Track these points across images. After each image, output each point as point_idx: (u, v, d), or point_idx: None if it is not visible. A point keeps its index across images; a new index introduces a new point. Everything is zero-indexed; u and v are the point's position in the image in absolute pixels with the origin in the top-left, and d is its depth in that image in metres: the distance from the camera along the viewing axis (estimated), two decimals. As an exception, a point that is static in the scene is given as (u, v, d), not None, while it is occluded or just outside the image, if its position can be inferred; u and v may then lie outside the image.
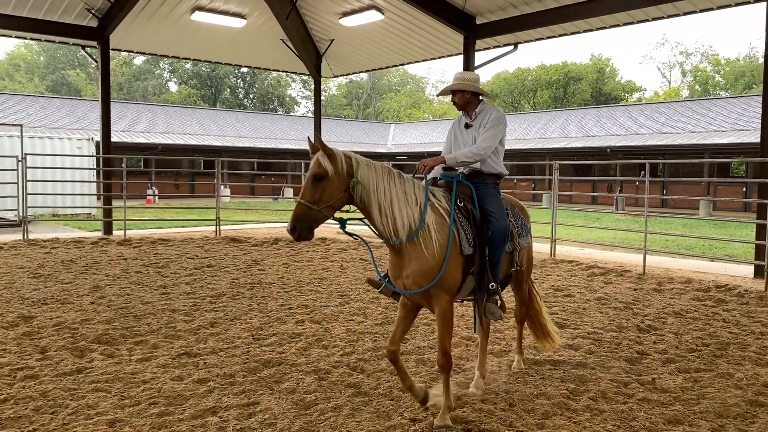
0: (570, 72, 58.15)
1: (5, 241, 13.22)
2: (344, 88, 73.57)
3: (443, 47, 16.99)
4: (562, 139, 36.63)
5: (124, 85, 61.73)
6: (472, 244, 4.25)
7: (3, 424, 4.07)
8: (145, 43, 18.28)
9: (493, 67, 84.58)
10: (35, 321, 6.71)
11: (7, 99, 36.63)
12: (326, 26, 17.92)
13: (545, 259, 11.87)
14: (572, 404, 4.57)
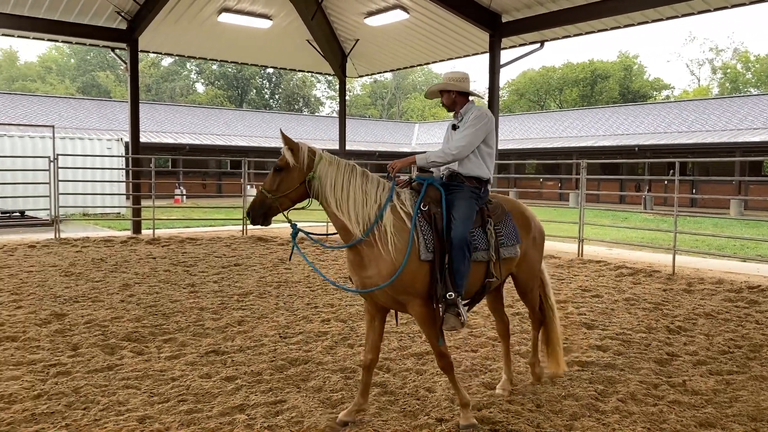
0: (597, 70, 57.46)
1: (38, 240, 13.50)
2: (368, 88, 73.65)
3: (468, 46, 16.92)
4: (590, 137, 36.22)
5: (152, 86, 62.57)
6: (430, 250, 4.04)
7: (37, 419, 4.16)
8: (172, 45, 18.51)
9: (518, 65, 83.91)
10: (67, 318, 6.84)
11: (39, 101, 37.39)
12: (351, 26, 17.96)
13: (572, 259, 11.76)
14: (601, 406, 4.52)
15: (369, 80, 71.52)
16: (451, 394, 4.70)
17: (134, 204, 16.77)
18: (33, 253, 11.83)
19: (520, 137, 40.22)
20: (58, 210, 14.51)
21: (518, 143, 38.45)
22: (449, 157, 4.37)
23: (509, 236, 4.48)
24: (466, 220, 4.17)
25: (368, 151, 41.66)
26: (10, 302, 7.59)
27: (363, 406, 4.28)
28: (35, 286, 8.66)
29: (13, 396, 4.53)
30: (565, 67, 59.92)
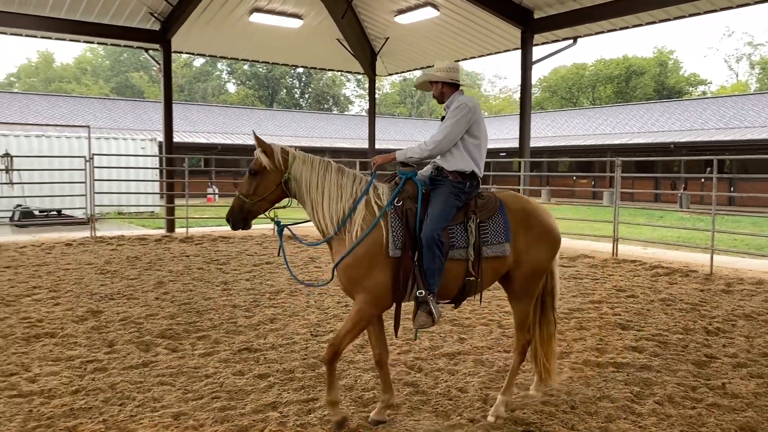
0: (631, 66, 56.49)
1: (74, 238, 13.78)
2: (398, 86, 73.55)
3: (500, 42, 16.78)
4: (624, 134, 35.63)
5: (185, 86, 63.43)
6: (398, 247, 3.96)
7: (76, 414, 4.23)
8: (205, 46, 18.73)
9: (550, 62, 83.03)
10: (103, 315, 6.97)
11: (75, 101, 38.19)
12: (381, 24, 17.96)
13: (607, 258, 11.57)
14: (637, 408, 4.43)
15: (398, 78, 71.43)
16: (483, 394, 4.66)
17: (168, 203, 17.01)
18: (70, 251, 12.08)
19: (552, 134, 39.77)
20: (93, 209, 14.79)
21: (550, 141, 38.02)
22: (426, 152, 4.24)
23: (496, 234, 4.18)
24: (439, 217, 4.02)
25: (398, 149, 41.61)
26: (49, 299, 7.76)
27: (390, 401, 4.25)
28: (72, 283, 8.84)
29: (53, 391, 4.62)
30: (598, 63, 59.05)
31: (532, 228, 4.31)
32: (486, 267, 4.16)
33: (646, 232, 17.11)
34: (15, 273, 9.59)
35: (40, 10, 14.84)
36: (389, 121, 50.61)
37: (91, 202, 14.72)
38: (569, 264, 11.07)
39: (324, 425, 4.10)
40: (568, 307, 7.55)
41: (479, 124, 4.32)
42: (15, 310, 7.16)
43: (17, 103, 34.92)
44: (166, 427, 4.02)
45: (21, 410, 4.27)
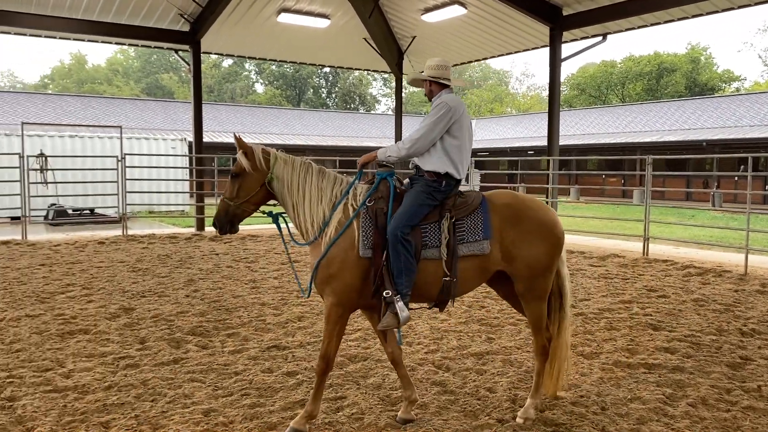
0: (662, 63, 55.52)
1: (107, 237, 14.03)
2: (425, 85, 73.36)
3: (528, 40, 16.65)
4: (654, 132, 35.07)
5: (214, 87, 64.13)
6: (369, 247, 3.93)
7: (108, 409, 4.31)
8: (233, 46, 18.92)
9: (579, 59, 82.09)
10: (135, 312, 7.08)
11: (107, 102, 38.87)
12: (408, 23, 17.94)
13: (637, 258, 11.41)
14: (669, 410, 4.36)
15: (426, 77, 71.27)
16: (512, 394, 4.63)
17: (197, 202, 17.23)
18: (102, 249, 12.30)
19: (581, 132, 39.31)
20: (125, 207, 15.04)
21: (579, 139, 37.59)
22: (403, 152, 4.16)
23: (473, 231, 4.05)
24: (404, 215, 3.95)
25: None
26: (82, 296, 7.91)
27: (412, 398, 4.23)
28: (105, 280, 9.00)
29: (86, 387, 4.71)
30: (627, 60, 58.18)
31: (522, 223, 4.12)
32: (464, 266, 4.04)
33: (677, 231, 16.82)
34: (50, 270, 9.80)
35: (74, 12, 15.14)
36: (416, 119, 50.51)
37: (122, 201, 14.98)
38: (599, 263, 10.93)
39: (352, 423, 4.11)
40: (598, 307, 7.46)
41: (461, 124, 4.19)
42: (50, 306, 7.32)
43: (51, 104, 35.67)
44: (197, 424, 4.07)
45: (56, 405, 4.36)
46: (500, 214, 4.12)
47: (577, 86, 60.75)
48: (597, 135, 37.86)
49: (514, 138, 42.82)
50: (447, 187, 4.15)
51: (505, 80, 77.16)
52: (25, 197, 14.01)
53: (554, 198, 14.32)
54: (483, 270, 4.13)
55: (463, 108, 4.23)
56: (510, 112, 62.16)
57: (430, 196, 4.08)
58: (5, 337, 6.03)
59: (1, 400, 4.43)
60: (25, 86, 65.96)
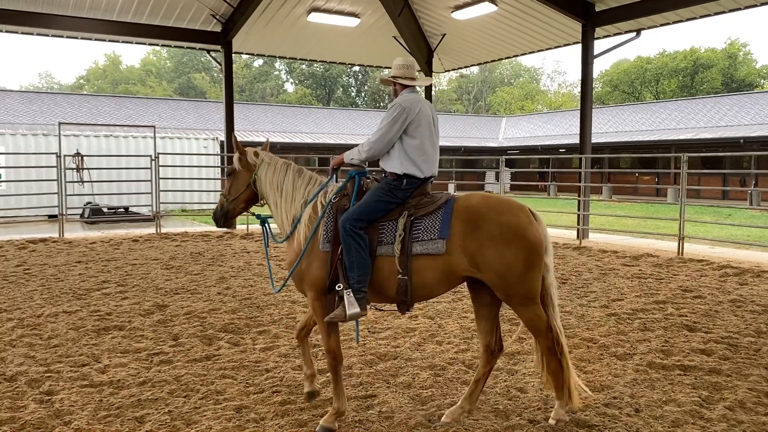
0: (698, 59, 54.37)
1: (141, 235, 14.28)
2: (454, 83, 73.14)
3: (559, 36, 16.46)
4: (689, 129, 34.39)
5: (245, 87, 64.80)
6: (327, 240, 4.07)
7: (143, 404, 4.38)
8: (264, 46, 19.08)
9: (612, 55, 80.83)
10: (168, 309, 7.19)
11: (141, 102, 39.54)
12: (438, 21, 17.88)
13: (672, 257, 11.20)
14: (705, 413, 4.27)
15: (455, 75, 71.08)
16: (544, 395, 4.58)
17: (229, 200, 17.39)
18: (136, 247, 12.51)
19: (613, 130, 38.75)
20: (159, 206, 15.29)
21: (611, 136, 37.05)
22: (363, 154, 4.22)
23: (429, 230, 3.94)
24: (357, 209, 4.01)
25: (454, 146, 41.39)
26: (117, 293, 8.06)
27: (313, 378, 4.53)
28: (139, 278, 9.16)
29: (121, 382, 4.80)
30: (662, 56, 57.14)
31: (482, 227, 3.88)
32: (420, 266, 3.93)
33: (713, 230, 16.47)
34: (85, 268, 10.01)
35: (109, 14, 15.44)
36: (445, 117, 50.35)
37: (156, 200, 15.22)
38: (632, 263, 10.76)
39: (382, 422, 4.11)
40: (632, 308, 7.34)
41: (418, 122, 4.17)
42: (86, 303, 7.47)
43: (87, 104, 36.41)
44: (228, 420, 4.11)
45: (92, 400, 4.45)
46: (461, 217, 3.94)
47: (610, 83, 59.88)
48: (630, 132, 37.28)
49: (545, 136, 42.37)
50: (408, 186, 4.15)
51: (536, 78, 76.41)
52: (62, 196, 14.33)
53: (586, 197, 14.13)
54: (445, 272, 3.95)
55: (420, 106, 4.21)
56: (541, 110, 61.55)
57: (389, 194, 4.11)
58: (43, 332, 6.18)
59: (40, 394, 4.54)
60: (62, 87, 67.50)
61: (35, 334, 6.13)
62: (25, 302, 7.51)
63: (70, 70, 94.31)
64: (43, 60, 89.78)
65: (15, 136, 20.42)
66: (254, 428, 4.02)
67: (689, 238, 12.61)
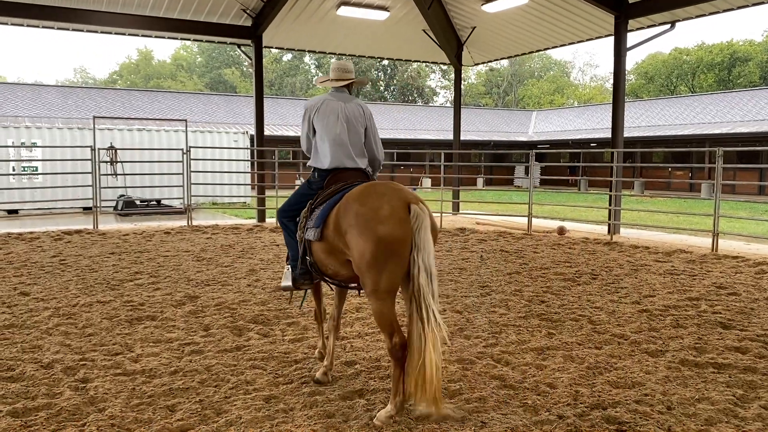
0: (735, 52, 53.04)
1: (173, 227, 14.49)
2: (483, 77, 72.57)
3: (591, 29, 16.21)
4: (725, 123, 33.62)
5: (275, 81, 65.18)
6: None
7: (174, 393, 4.45)
8: (294, 40, 19.16)
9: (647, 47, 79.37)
10: (199, 300, 7.29)
11: (173, 96, 40.07)
12: (468, 14, 17.75)
13: (705, 254, 10.99)
14: (740, 412, 4.18)
15: (484, 68, 70.49)
16: (573, 391, 4.54)
17: (259, 194, 17.58)
18: (168, 239, 12.71)
19: (646, 124, 38.09)
20: (190, 199, 15.49)
21: (644, 131, 36.43)
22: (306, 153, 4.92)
23: (314, 219, 4.44)
24: (285, 203, 4.85)
25: (483, 140, 41.12)
26: (149, 284, 8.20)
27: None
28: (171, 269, 9.30)
29: (153, 371, 4.88)
30: (699, 48, 55.90)
31: (347, 215, 4.04)
32: (315, 249, 4.44)
33: (749, 226, 16.11)
34: (119, 259, 10.20)
35: (141, 9, 15.66)
36: (474, 111, 50.05)
37: (187, 193, 15.42)
38: (664, 259, 10.58)
39: (408, 414, 4.11)
40: (664, 304, 7.22)
41: (320, 117, 4.65)
42: (119, 293, 7.62)
43: (120, 98, 37.03)
44: (258, 410, 4.16)
45: (125, 388, 4.53)
46: (340, 206, 4.20)
47: (644, 75, 58.80)
48: (663, 126, 36.61)
49: (575, 130, 41.85)
50: (317, 179, 4.71)
51: (567, 71, 75.42)
52: (97, 188, 14.60)
53: (618, 191, 13.93)
54: (331, 255, 4.33)
55: (320, 102, 4.70)
56: (572, 104, 60.76)
57: (305, 187, 4.78)
58: (78, 321, 6.32)
59: (75, 381, 4.64)
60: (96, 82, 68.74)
61: (70, 323, 6.27)
62: (61, 292, 7.68)
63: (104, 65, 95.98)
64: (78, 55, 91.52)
65: (51, 130, 20.85)
66: (283, 418, 4.06)
67: (724, 234, 12.36)
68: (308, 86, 66.01)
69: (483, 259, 10.39)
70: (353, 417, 4.08)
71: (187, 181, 15.31)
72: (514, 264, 9.98)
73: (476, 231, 14.17)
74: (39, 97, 34.05)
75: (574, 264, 10.00)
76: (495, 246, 11.97)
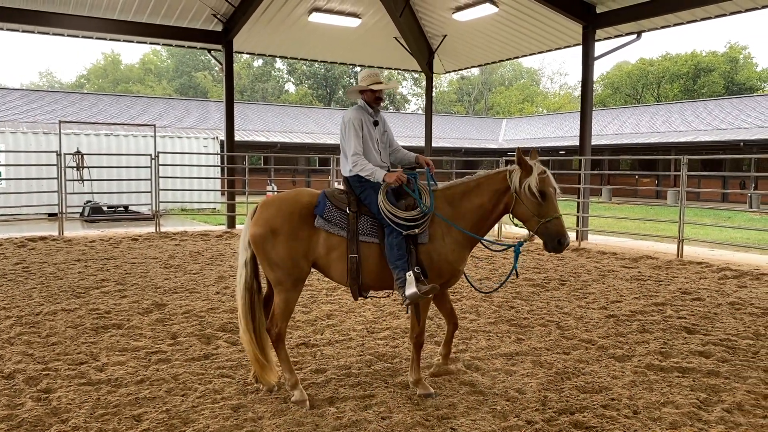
0: (699, 63, 54.30)
1: (140, 233, 14.27)
2: (455, 84, 73.13)
3: (560, 38, 16.46)
4: (690, 132, 34.38)
5: (246, 87, 64.76)
6: None
7: (140, 403, 4.38)
8: (265, 46, 19.06)
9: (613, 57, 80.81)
10: (167, 308, 7.18)
11: (142, 101, 39.50)
12: (439, 22, 17.87)
13: (671, 260, 11.20)
14: (704, 415, 4.26)
15: (455, 76, 71.07)
16: (542, 396, 4.57)
17: (229, 200, 17.42)
18: (136, 246, 12.51)
19: (613, 132, 38.74)
20: (158, 205, 15.28)
21: (611, 138, 37.03)
22: None
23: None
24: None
25: (454, 147, 41.37)
26: (116, 291, 8.06)
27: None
28: (138, 276, 9.15)
29: (119, 380, 4.79)
30: (664, 59, 57.11)
31: None
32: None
33: (713, 233, 16.47)
34: (85, 266, 10.00)
35: (110, 13, 15.43)
36: (445, 118, 50.33)
37: (156, 199, 15.22)
38: (631, 265, 10.76)
39: (380, 422, 4.10)
40: (630, 309, 7.34)
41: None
42: (85, 301, 7.47)
43: (87, 103, 36.40)
44: (226, 419, 4.11)
45: (90, 398, 4.44)
46: None
47: (611, 85, 59.85)
48: (630, 135, 37.27)
49: (544, 138, 42.36)
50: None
51: (536, 79, 76.39)
52: (62, 194, 14.32)
53: (585, 198, 14.13)
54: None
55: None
56: (541, 112, 61.54)
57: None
58: (42, 330, 6.18)
59: (38, 392, 4.53)
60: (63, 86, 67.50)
61: (33, 331, 6.12)
62: (24, 300, 7.50)
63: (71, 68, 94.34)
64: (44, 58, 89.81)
65: (16, 134, 20.41)
66: (252, 427, 4.01)
67: (689, 241, 12.62)
68: (279, 92, 65.75)
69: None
70: (323, 425, 4.05)
71: (156, 187, 15.11)
72: (484, 270, 10.04)
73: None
74: (3, 100, 33.27)
75: (543, 270, 10.10)
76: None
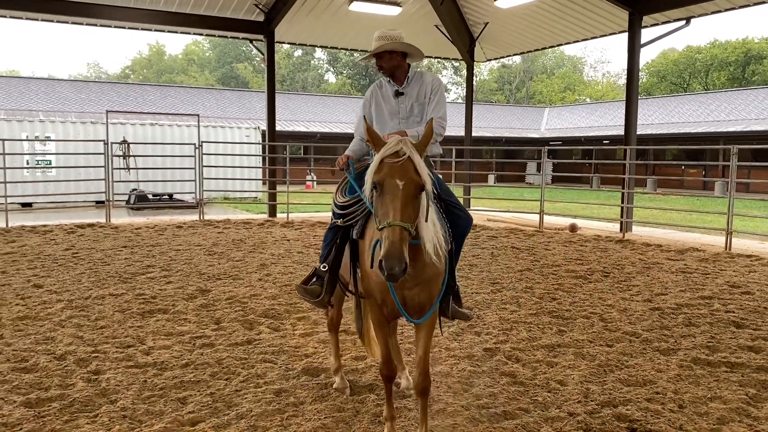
0: (750, 50, 52.40)
1: (185, 221, 14.56)
2: (496, 73, 72.28)
3: (605, 25, 16.09)
4: (740, 121, 33.29)
5: (286, 76, 65.25)
6: None
7: (185, 386, 4.48)
8: (306, 35, 19.13)
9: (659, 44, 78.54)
10: (211, 294, 7.32)
11: (185, 91, 40.18)
12: (481, 9, 17.66)
13: (719, 252, 10.90)
14: (753, 411, 4.15)
15: (496, 65, 70.26)
16: (584, 388, 4.52)
17: (270, 189, 17.62)
18: (180, 233, 12.76)
19: (659, 122, 37.78)
20: (202, 193, 15.55)
21: (657, 128, 36.14)
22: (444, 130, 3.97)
23: None
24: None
25: (494, 137, 40.97)
26: (162, 277, 8.24)
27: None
28: (182, 263, 9.34)
29: (165, 363, 4.91)
30: (713, 46, 55.31)
31: None
32: None
33: (763, 225, 15.96)
34: (131, 252, 10.26)
35: (154, 4, 15.70)
36: (486, 108, 49.82)
37: (199, 187, 15.49)
38: (677, 257, 10.50)
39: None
40: (676, 302, 7.17)
41: None
42: (131, 286, 7.66)
43: (133, 93, 37.18)
44: (269, 403, 4.17)
45: (137, 380, 4.56)
46: None
47: (656, 73, 58.32)
48: (677, 124, 36.31)
49: (588, 127, 41.57)
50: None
51: (579, 67, 74.95)
52: (109, 182, 14.68)
53: (630, 189, 13.83)
54: None
55: None
56: (584, 100, 60.40)
57: None
58: (91, 314, 6.36)
59: (88, 373, 4.68)
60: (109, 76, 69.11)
61: (83, 315, 6.32)
62: (74, 284, 7.74)
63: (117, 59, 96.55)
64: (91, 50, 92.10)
65: (65, 124, 21.00)
66: (293, 412, 4.07)
67: (738, 233, 12.25)
68: (319, 82, 66.04)
69: (494, 256, 10.36)
70: (363, 411, 4.09)
71: (199, 176, 15.37)
72: (525, 261, 9.94)
73: (487, 228, 14.13)
74: (53, 91, 34.25)
75: (586, 261, 9.95)
76: (506, 243, 11.93)
